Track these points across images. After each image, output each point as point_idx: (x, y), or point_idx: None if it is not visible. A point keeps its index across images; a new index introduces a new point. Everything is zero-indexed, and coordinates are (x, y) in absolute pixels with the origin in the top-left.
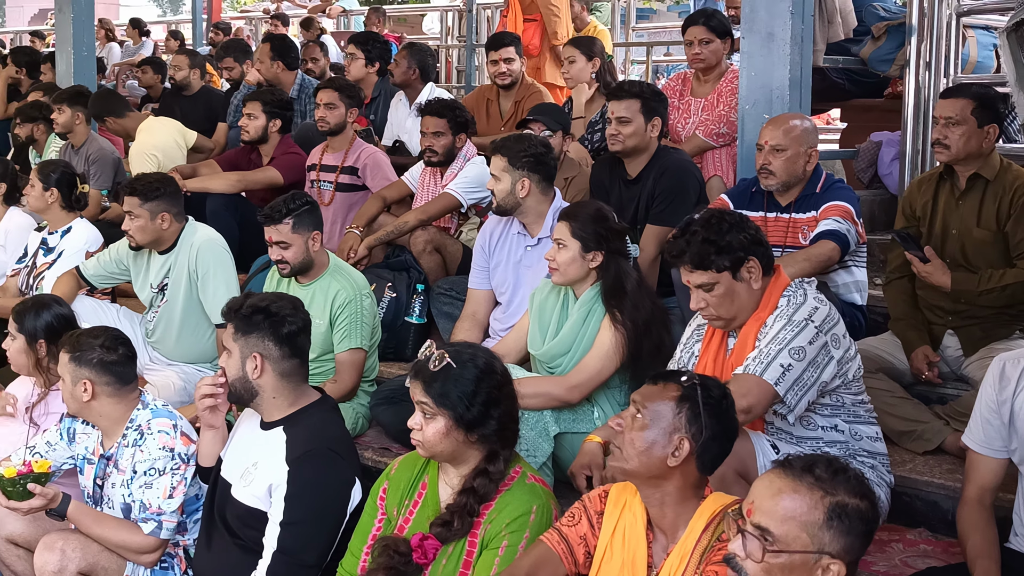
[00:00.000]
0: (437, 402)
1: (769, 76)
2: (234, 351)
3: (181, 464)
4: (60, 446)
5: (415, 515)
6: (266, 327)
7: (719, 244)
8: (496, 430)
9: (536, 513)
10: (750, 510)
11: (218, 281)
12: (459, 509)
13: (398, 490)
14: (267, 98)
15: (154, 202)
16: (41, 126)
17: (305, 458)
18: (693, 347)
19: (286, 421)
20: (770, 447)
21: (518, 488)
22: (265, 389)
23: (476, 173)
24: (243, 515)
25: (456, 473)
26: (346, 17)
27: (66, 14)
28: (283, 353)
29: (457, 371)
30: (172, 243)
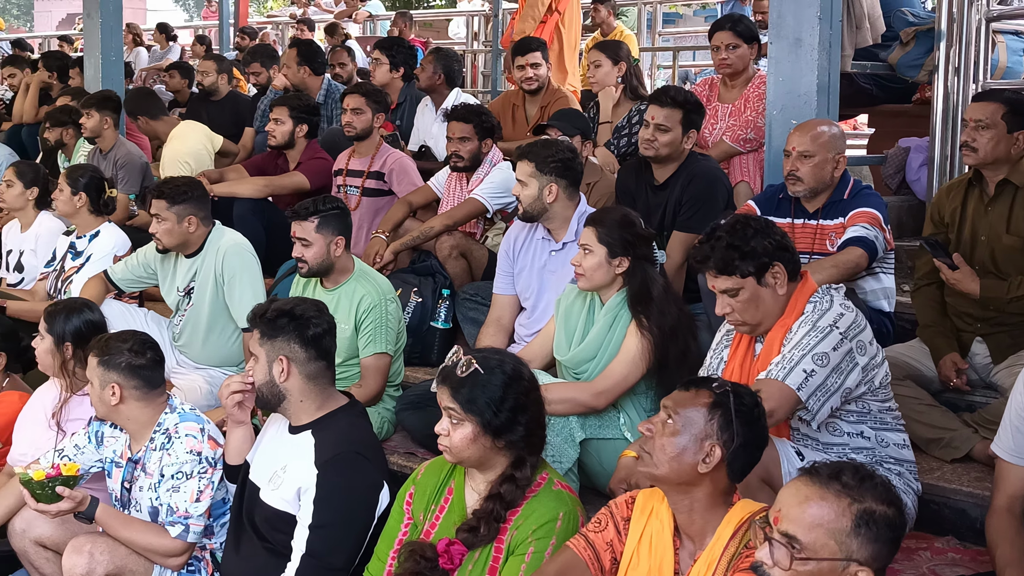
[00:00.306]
0: (464, 408)
1: (796, 82)
2: (260, 356)
3: (208, 468)
4: (88, 449)
5: (441, 520)
6: (291, 330)
7: (743, 249)
8: (523, 436)
9: (563, 520)
10: (777, 518)
11: (244, 285)
12: (485, 515)
13: (424, 495)
14: (294, 103)
15: (181, 205)
16: (70, 130)
17: (334, 462)
18: (722, 352)
19: (314, 425)
20: (795, 454)
21: (545, 495)
22: (292, 392)
23: (502, 178)
24: (271, 518)
25: (483, 479)
26: (372, 22)
27: (94, 19)
28: (309, 355)
29: (485, 377)
30: (199, 247)
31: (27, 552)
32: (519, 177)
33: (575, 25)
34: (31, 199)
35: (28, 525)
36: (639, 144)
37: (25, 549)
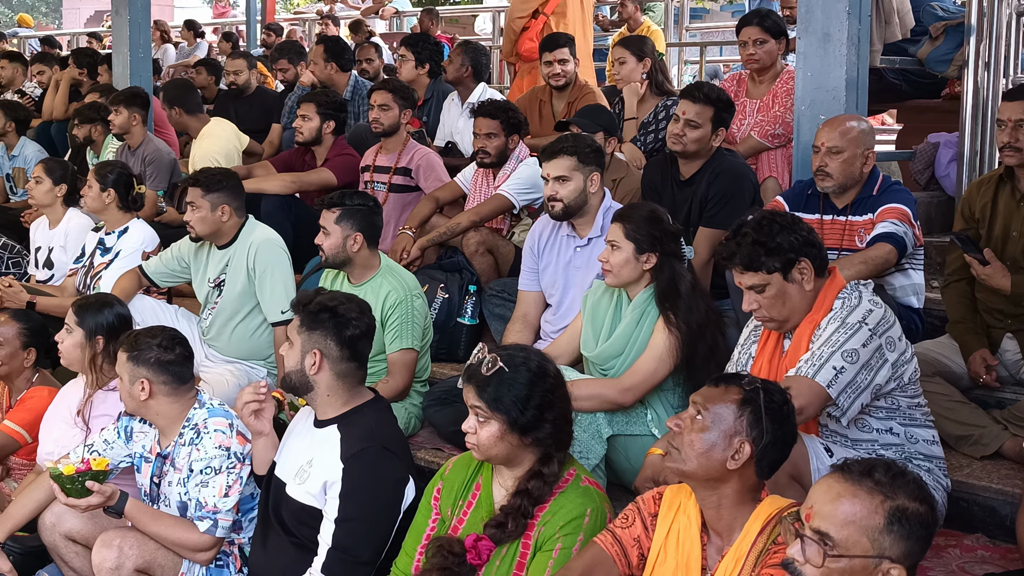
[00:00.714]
0: (491, 406)
1: (825, 77)
2: (296, 343)
3: (237, 463)
4: (118, 444)
5: (469, 516)
6: (330, 326)
7: (769, 245)
8: (551, 433)
9: (590, 516)
10: (808, 515)
11: (276, 280)
12: (513, 511)
13: (452, 490)
14: (321, 100)
15: (215, 194)
16: (99, 127)
17: (359, 456)
18: (750, 348)
19: (340, 419)
20: (823, 450)
21: (572, 491)
22: (320, 386)
23: (529, 174)
24: (298, 512)
25: (510, 475)
26: (398, 18)
27: (123, 16)
28: (343, 355)
29: (510, 375)
30: (231, 239)
31: (57, 546)
32: (559, 174)
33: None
34: (59, 196)
35: (58, 519)
36: (667, 138)
37: (55, 543)
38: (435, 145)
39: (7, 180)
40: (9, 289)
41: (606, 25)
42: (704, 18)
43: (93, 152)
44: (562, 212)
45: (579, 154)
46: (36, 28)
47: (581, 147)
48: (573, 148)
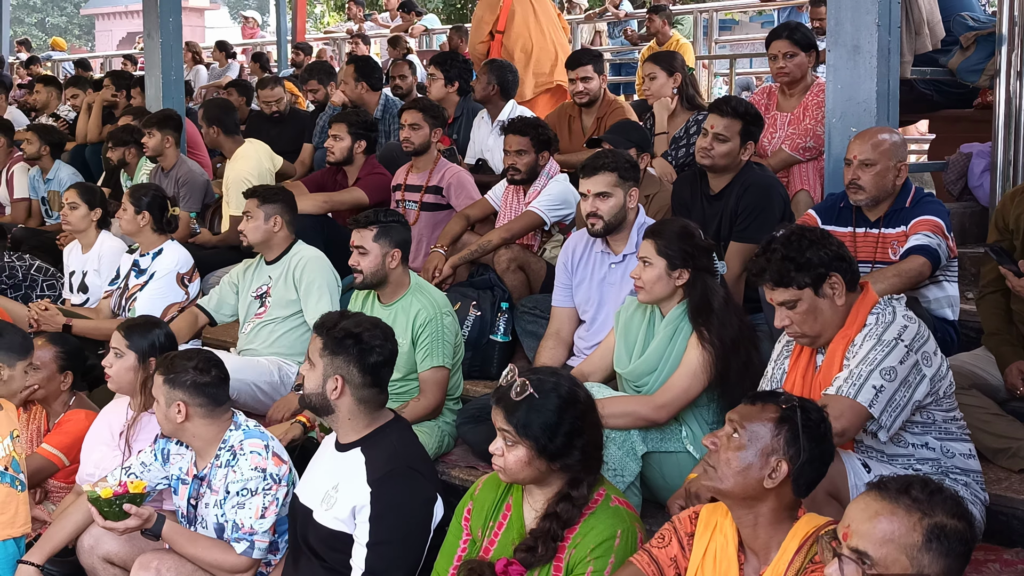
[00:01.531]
0: (519, 432)
1: (855, 89)
2: (318, 366)
3: (273, 484)
4: (155, 466)
5: (500, 537)
6: (354, 353)
7: (799, 261)
8: (579, 459)
9: (621, 537)
10: (846, 533)
11: (323, 290)
12: (543, 534)
13: (482, 511)
14: (352, 119)
15: (271, 205)
16: (132, 149)
17: (387, 478)
18: (783, 363)
19: (363, 442)
20: (861, 466)
21: (602, 511)
22: (341, 410)
23: (559, 191)
24: (327, 539)
25: (540, 495)
26: (428, 36)
27: (155, 39)
28: (365, 381)
29: (539, 401)
30: (280, 255)
31: (95, 568)
32: (601, 190)
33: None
34: (94, 220)
35: (96, 542)
36: (696, 153)
37: (93, 566)
38: (465, 163)
39: (42, 203)
40: (45, 312)
41: (635, 39)
42: (733, 30)
43: (127, 174)
44: (603, 229)
45: (619, 170)
46: (69, 51)
47: (621, 163)
48: (613, 164)
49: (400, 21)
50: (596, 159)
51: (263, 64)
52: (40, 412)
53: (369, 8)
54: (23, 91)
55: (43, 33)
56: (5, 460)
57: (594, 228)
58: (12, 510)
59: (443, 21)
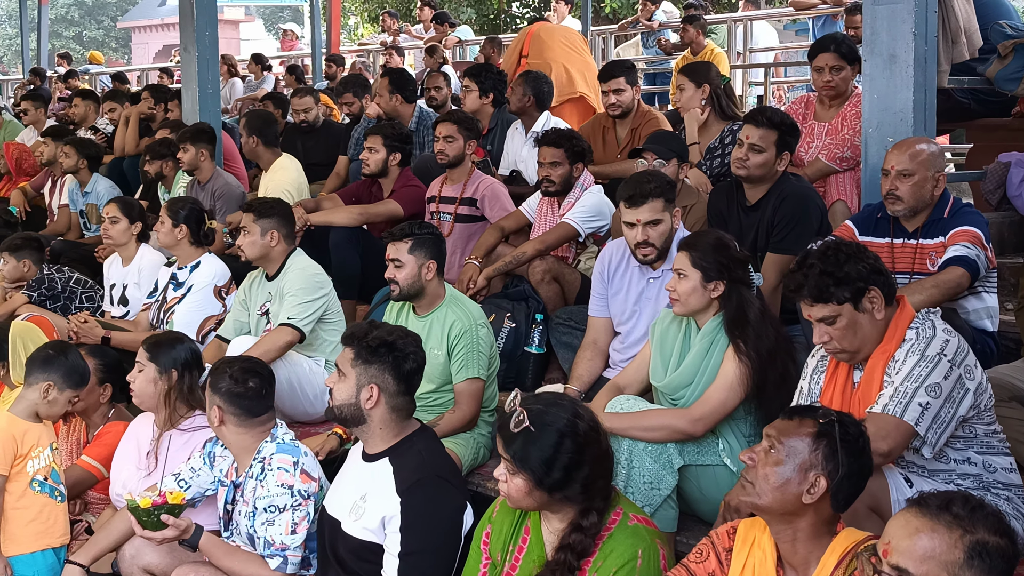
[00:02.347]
0: (517, 463)
1: (892, 99)
2: (350, 376)
3: (302, 500)
4: (203, 471)
5: (522, 562)
6: (389, 361)
7: (837, 276)
8: (580, 491)
9: (643, 557)
10: (886, 550)
11: (296, 290)
12: (559, 566)
13: (501, 535)
14: (388, 132)
15: (266, 219)
16: (169, 163)
17: (416, 487)
18: (819, 379)
19: (391, 452)
20: (903, 480)
21: (620, 532)
22: (374, 420)
23: (594, 202)
24: (357, 549)
25: (555, 519)
26: (461, 47)
27: (191, 53)
28: (399, 389)
29: (535, 434)
30: (279, 268)
31: None
32: (653, 218)
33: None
34: (135, 233)
35: (137, 552)
36: (731, 163)
37: (132, 574)
38: (500, 174)
39: (81, 216)
40: (84, 325)
41: (668, 49)
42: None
43: (164, 187)
44: (655, 257)
45: (665, 193)
46: (106, 64)
47: (664, 185)
48: (659, 189)
49: (433, 33)
50: (639, 187)
51: (298, 76)
52: (79, 424)
53: (403, 20)
54: (62, 104)
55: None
56: (45, 470)
57: (647, 257)
58: (52, 520)
59: (476, 33)
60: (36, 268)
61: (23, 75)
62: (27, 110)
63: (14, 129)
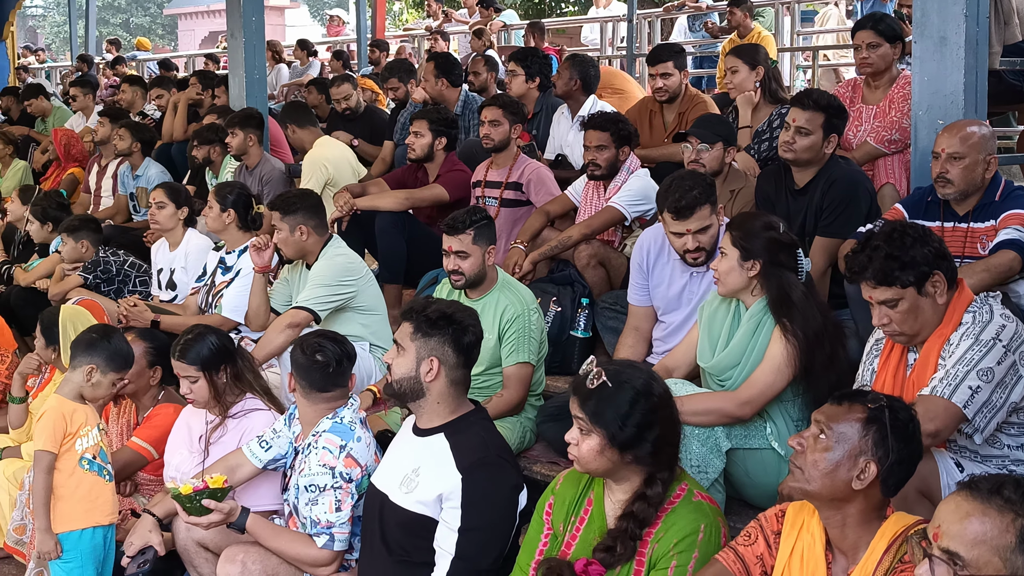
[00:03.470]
0: (591, 419)
1: (942, 81)
2: (409, 350)
3: (343, 483)
4: (283, 432)
5: (581, 532)
6: (449, 333)
7: (903, 259)
8: (650, 453)
9: (704, 532)
10: (936, 534)
11: (317, 276)
12: (620, 534)
13: (563, 505)
14: (433, 116)
15: (292, 215)
16: (217, 148)
17: (478, 466)
18: (872, 363)
19: (446, 428)
20: (954, 465)
21: (684, 507)
22: (432, 393)
23: (640, 186)
24: (407, 523)
25: (619, 491)
26: (506, 32)
27: (238, 39)
28: (459, 361)
29: (612, 391)
30: (317, 257)
31: (189, 552)
32: (702, 225)
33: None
34: (181, 218)
35: (191, 527)
36: (779, 147)
37: (187, 548)
38: (545, 158)
39: (131, 199)
40: (134, 309)
41: (715, 32)
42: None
43: (212, 172)
44: (706, 259)
45: (709, 197)
46: (153, 51)
47: (706, 188)
48: (704, 194)
49: (479, 17)
50: (686, 195)
51: (345, 62)
52: (129, 406)
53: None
54: (110, 90)
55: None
56: (93, 449)
57: (697, 261)
58: (100, 498)
59: (521, 16)
60: (93, 250)
61: (71, 62)
62: (76, 96)
63: (63, 115)
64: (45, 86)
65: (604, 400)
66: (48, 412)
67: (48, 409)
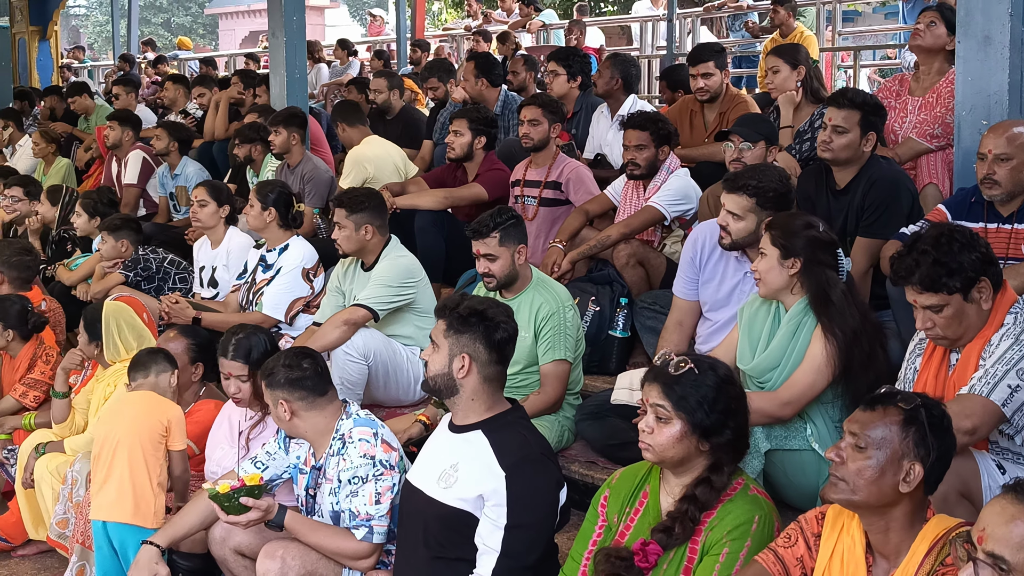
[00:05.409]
0: (676, 406)
1: (986, 81)
2: (442, 347)
3: (384, 471)
4: (279, 455)
5: (636, 523)
6: (480, 330)
7: (950, 266)
8: (730, 440)
9: (758, 523)
10: (981, 537)
11: (380, 276)
12: (680, 516)
13: (619, 498)
14: (473, 116)
15: (359, 214)
16: (258, 146)
17: (522, 463)
18: (915, 362)
19: (483, 425)
20: (995, 467)
21: (740, 498)
22: (466, 389)
23: (679, 186)
24: (446, 517)
25: (677, 483)
26: (546, 31)
27: (279, 38)
28: (491, 358)
29: (699, 376)
30: (376, 258)
31: (226, 560)
32: (733, 210)
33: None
34: (223, 216)
35: (227, 534)
36: (817, 146)
37: (225, 557)
38: (584, 158)
39: (170, 199)
40: (176, 306)
41: (756, 31)
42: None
43: (253, 171)
44: (729, 245)
45: (759, 197)
46: (194, 50)
47: (764, 191)
48: (755, 190)
49: (519, 16)
50: (741, 176)
51: (386, 61)
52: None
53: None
54: (153, 88)
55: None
56: None
57: (722, 241)
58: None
59: (560, 16)
60: (132, 248)
61: (113, 61)
62: (118, 95)
63: (105, 113)
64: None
65: (690, 386)
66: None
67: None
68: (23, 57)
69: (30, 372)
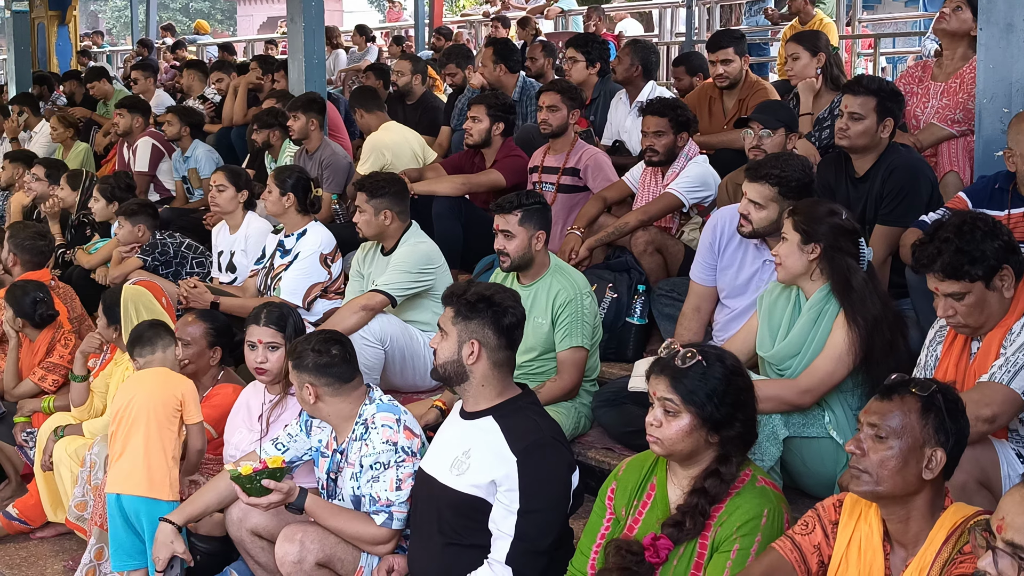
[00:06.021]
0: (685, 399)
1: (1008, 69)
2: (451, 334)
3: (406, 457)
4: (300, 437)
5: (645, 516)
6: (488, 316)
7: (973, 254)
8: (739, 433)
9: (767, 517)
10: (1000, 526)
11: (400, 262)
12: (690, 509)
13: (626, 491)
14: (491, 102)
15: (379, 199)
16: (277, 132)
17: (534, 448)
18: (935, 350)
19: (494, 411)
20: (1015, 456)
21: (748, 491)
22: (475, 376)
23: (698, 172)
24: (460, 505)
25: (685, 475)
26: (564, 18)
27: (297, 24)
28: (500, 343)
29: (707, 369)
30: (395, 243)
31: (244, 541)
32: (755, 199)
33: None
34: (242, 202)
35: (245, 515)
36: (834, 134)
37: (242, 538)
38: (602, 144)
39: (184, 182)
40: (194, 290)
41: (775, 18)
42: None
43: (271, 156)
44: (750, 234)
45: (781, 186)
46: (212, 35)
47: (787, 180)
48: (778, 179)
49: (537, 2)
50: (765, 165)
51: (404, 47)
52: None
53: None
54: (171, 73)
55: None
56: None
57: (742, 229)
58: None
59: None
60: (149, 233)
61: (131, 46)
62: (137, 80)
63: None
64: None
65: (699, 379)
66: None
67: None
68: (42, 42)
69: (49, 356)
